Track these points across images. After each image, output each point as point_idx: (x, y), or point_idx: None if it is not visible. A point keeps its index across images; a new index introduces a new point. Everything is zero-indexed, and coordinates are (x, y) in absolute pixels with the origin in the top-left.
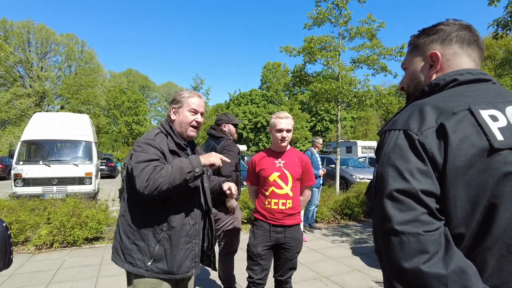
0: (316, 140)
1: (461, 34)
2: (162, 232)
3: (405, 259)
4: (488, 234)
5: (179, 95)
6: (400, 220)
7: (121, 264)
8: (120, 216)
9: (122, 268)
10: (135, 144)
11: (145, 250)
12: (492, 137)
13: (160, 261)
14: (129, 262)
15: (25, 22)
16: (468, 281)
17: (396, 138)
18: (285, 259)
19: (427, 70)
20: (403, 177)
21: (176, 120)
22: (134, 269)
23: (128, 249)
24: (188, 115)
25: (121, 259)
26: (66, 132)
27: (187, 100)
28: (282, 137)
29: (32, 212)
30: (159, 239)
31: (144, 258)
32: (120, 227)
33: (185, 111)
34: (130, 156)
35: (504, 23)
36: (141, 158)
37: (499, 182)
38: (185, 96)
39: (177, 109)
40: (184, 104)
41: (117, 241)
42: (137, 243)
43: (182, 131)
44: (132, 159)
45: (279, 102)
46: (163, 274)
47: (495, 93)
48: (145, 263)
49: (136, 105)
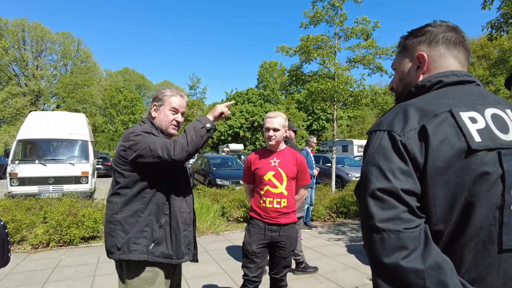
0: (311, 140)
1: (447, 36)
2: (164, 216)
3: (385, 255)
4: (465, 231)
5: (161, 93)
6: (381, 217)
7: (126, 256)
8: (118, 212)
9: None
10: (130, 136)
11: (149, 235)
12: (470, 139)
13: (161, 244)
14: (134, 250)
15: (19, 20)
16: (444, 275)
17: (381, 139)
18: (279, 257)
19: (414, 71)
20: (385, 176)
21: (157, 117)
22: (140, 256)
23: (133, 237)
24: (169, 114)
25: (125, 252)
26: (62, 131)
27: (168, 98)
28: (268, 135)
29: (28, 212)
30: (161, 223)
31: (148, 243)
32: (122, 222)
33: (166, 110)
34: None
35: (497, 25)
36: (148, 139)
37: (475, 181)
38: (167, 94)
39: (158, 107)
40: (165, 103)
41: (118, 238)
42: (143, 228)
43: (163, 129)
44: (137, 146)
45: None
46: (162, 258)
47: (477, 95)
48: (147, 247)
49: (132, 104)
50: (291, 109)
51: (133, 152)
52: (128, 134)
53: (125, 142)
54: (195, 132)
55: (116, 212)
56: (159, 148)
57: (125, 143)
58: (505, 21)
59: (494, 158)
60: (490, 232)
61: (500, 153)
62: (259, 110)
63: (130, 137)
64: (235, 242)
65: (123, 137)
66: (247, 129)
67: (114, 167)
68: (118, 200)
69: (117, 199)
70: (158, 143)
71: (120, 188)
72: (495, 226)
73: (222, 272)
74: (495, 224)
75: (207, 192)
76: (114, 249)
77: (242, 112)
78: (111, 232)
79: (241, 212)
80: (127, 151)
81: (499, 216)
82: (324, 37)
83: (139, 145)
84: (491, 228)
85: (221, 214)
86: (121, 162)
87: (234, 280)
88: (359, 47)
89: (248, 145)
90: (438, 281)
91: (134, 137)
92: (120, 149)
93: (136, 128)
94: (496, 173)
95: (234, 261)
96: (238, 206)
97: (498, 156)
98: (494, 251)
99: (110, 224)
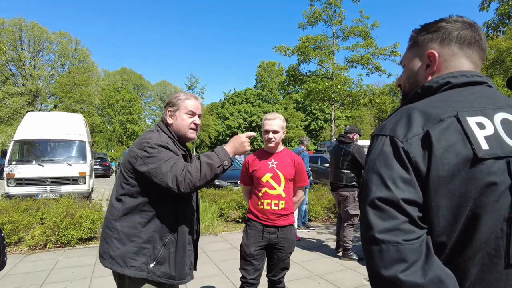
0: (305, 142)
1: (462, 34)
2: (170, 235)
3: (384, 267)
4: (470, 243)
5: (174, 97)
6: (380, 228)
7: (121, 269)
8: (117, 220)
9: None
10: (146, 145)
11: (149, 253)
12: (477, 146)
13: (163, 264)
14: (131, 266)
15: (17, 19)
16: None
17: (383, 144)
18: (277, 259)
19: (423, 70)
20: (385, 185)
21: (174, 124)
22: (136, 273)
23: (131, 252)
24: (186, 118)
25: (119, 264)
26: (59, 131)
27: (183, 102)
28: (268, 138)
29: (25, 212)
30: (166, 242)
31: (147, 261)
32: (120, 231)
33: (182, 114)
34: (141, 158)
35: (494, 25)
36: (163, 157)
37: (482, 192)
38: (181, 98)
39: (173, 112)
40: (180, 107)
41: (112, 246)
42: (143, 245)
43: (181, 135)
44: (149, 160)
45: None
46: (163, 278)
47: (487, 98)
48: (147, 265)
49: (130, 104)
50: (289, 109)
51: (142, 164)
52: (143, 142)
53: (138, 150)
54: (211, 169)
55: (116, 219)
56: (170, 176)
57: (138, 151)
58: (502, 21)
59: (502, 167)
60: (497, 246)
61: (510, 162)
62: (257, 110)
63: (144, 146)
64: (233, 243)
65: (137, 142)
66: (245, 129)
67: (121, 169)
68: (119, 206)
69: (118, 205)
70: (170, 166)
71: (124, 194)
72: (502, 239)
73: (220, 273)
74: (502, 237)
75: (205, 192)
76: (106, 255)
77: (240, 112)
78: (106, 237)
79: (239, 213)
80: (137, 160)
81: (507, 229)
82: (322, 37)
83: (152, 160)
84: (498, 241)
85: (219, 215)
86: (128, 168)
87: (232, 282)
88: (357, 47)
89: None
90: None
91: (149, 149)
92: (131, 154)
93: (152, 137)
94: (504, 184)
95: (232, 262)
96: (236, 207)
97: (507, 165)
98: (501, 265)
99: (107, 229)
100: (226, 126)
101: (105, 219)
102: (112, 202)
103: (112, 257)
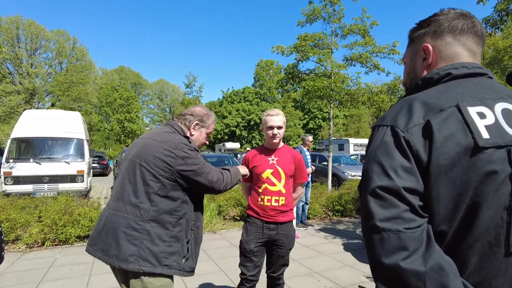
0: (306, 138)
1: (453, 24)
2: (191, 232)
3: (385, 255)
4: (470, 232)
5: (207, 116)
6: (381, 217)
7: (154, 269)
8: (147, 221)
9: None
10: (183, 147)
11: (179, 251)
12: (477, 135)
13: (189, 259)
14: (165, 265)
15: (13, 17)
16: (445, 278)
17: (384, 134)
18: (277, 255)
19: (420, 64)
20: (386, 174)
21: (195, 136)
22: (170, 271)
23: (164, 252)
24: (205, 137)
25: (153, 265)
26: (57, 129)
27: (212, 124)
28: (273, 134)
29: (23, 210)
30: (189, 238)
31: (179, 259)
32: (151, 232)
33: (204, 133)
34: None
35: (492, 22)
36: (201, 159)
37: (482, 180)
38: (212, 120)
39: (200, 127)
40: (208, 127)
41: (143, 247)
42: (174, 244)
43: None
44: (190, 161)
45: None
46: (189, 272)
47: (487, 89)
48: (179, 263)
49: (128, 103)
50: (288, 107)
51: (184, 165)
52: (180, 144)
53: (176, 150)
54: (235, 178)
55: (145, 220)
56: (214, 175)
57: (177, 151)
58: (500, 18)
59: (503, 156)
60: (497, 234)
61: (510, 151)
62: (255, 108)
63: (183, 147)
64: (232, 240)
65: (171, 143)
66: (244, 128)
67: (147, 168)
68: (147, 206)
69: (146, 206)
70: (211, 168)
71: (153, 193)
72: (503, 227)
73: (218, 270)
74: (502, 226)
75: None
76: (134, 258)
77: (239, 111)
78: (133, 240)
79: (237, 211)
80: (176, 160)
81: (507, 218)
82: (322, 35)
83: (193, 161)
84: (498, 229)
85: (218, 212)
86: (162, 167)
87: (230, 279)
88: (356, 45)
89: (244, 144)
90: (440, 284)
91: (189, 151)
92: (166, 153)
93: (183, 140)
94: (504, 172)
95: (231, 259)
96: (235, 204)
97: (507, 154)
98: (501, 253)
99: (134, 231)
100: (225, 124)
101: (127, 221)
102: (135, 202)
103: (143, 258)
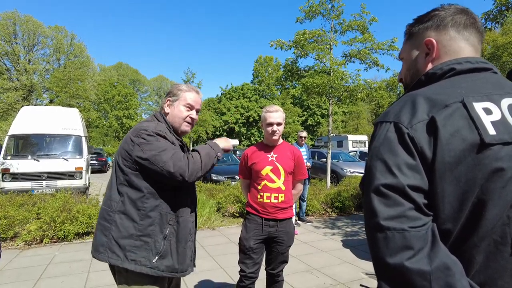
0: (298, 134)
1: (456, 18)
2: (169, 226)
3: (389, 254)
4: (476, 230)
5: (176, 88)
6: (386, 215)
7: (120, 262)
8: (116, 212)
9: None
10: (143, 132)
11: (151, 247)
12: (483, 131)
13: (166, 257)
14: (132, 260)
15: (10, 13)
16: (451, 278)
17: (387, 131)
18: (277, 252)
19: (423, 59)
20: (390, 171)
21: (170, 113)
22: (137, 267)
23: (131, 246)
24: (183, 110)
25: (119, 258)
26: (55, 126)
27: (183, 93)
28: (272, 130)
29: (21, 208)
30: (166, 234)
31: (149, 255)
32: (118, 223)
33: (180, 105)
34: (138, 145)
35: (493, 16)
36: (161, 145)
37: (488, 178)
38: (182, 89)
39: (172, 102)
40: (180, 98)
41: (111, 238)
42: (143, 239)
43: (175, 126)
44: (147, 147)
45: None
46: (167, 272)
47: (493, 84)
48: (150, 260)
49: (126, 99)
50: (286, 104)
51: (140, 151)
52: (140, 130)
53: (134, 137)
54: (209, 158)
55: (114, 211)
56: (172, 163)
57: (135, 138)
58: (500, 12)
59: (510, 153)
60: (503, 233)
61: None
62: (254, 105)
63: (142, 133)
64: (231, 237)
65: (133, 130)
66: (242, 125)
67: (116, 158)
68: (117, 197)
69: (116, 197)
70: (171, 154)
71: (120, 184)
72: (509, 226)
73: (218, 267)
74: (508, 224)
75: (203, 187)
76: (104, 249)
77: (237, 108)
78: (104, 230)
79: (236, 207)
80: (134, 147)
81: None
82: (320, 31)
83: (150, 147)
84: (505, 228)
85: (217, 209)
86: (124, 156)
87: (230, 275)
88: (355, 41)
89: (243, 141)
90: (445, 284)
91: (147, 136)
92: (126, 141)
93: (150, 125)
94: (511, 169)
95: (230, 256)
96: (234, 201)
97: None
98: (507, 252)
99: (105, 222)
100: (223, 121)
101: (102, 212)
102: (109, 193)
103: (111, 250)
